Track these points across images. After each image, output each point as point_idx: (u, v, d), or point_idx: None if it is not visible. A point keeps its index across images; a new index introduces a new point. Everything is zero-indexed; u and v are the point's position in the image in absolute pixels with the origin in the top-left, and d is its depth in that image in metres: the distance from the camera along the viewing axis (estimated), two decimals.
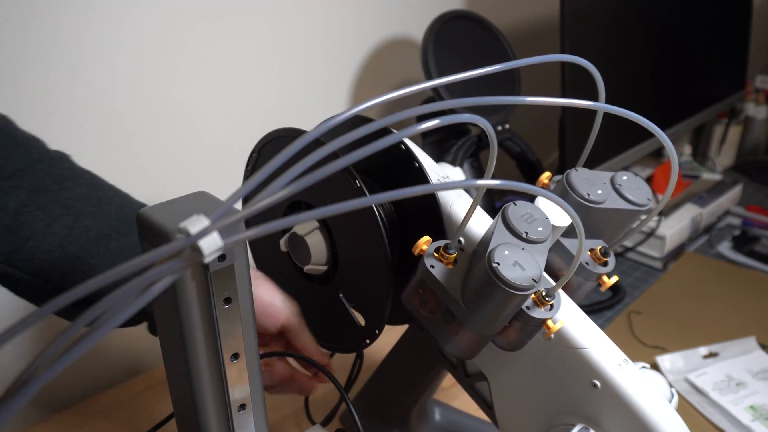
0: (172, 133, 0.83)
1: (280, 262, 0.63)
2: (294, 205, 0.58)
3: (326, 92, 1.00)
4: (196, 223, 0.30)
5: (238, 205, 0.58)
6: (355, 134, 0.31)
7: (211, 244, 0.30)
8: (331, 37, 0.97)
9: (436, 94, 0.95)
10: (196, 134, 0.86)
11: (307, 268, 0.57)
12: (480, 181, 0.33)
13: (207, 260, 0.30)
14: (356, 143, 0.31)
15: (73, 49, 0.71)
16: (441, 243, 0.47)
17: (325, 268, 0.57)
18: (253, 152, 0.61)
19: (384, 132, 0.55)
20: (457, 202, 0.53)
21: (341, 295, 0.58)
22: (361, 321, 0.58)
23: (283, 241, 0.58)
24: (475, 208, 0.44)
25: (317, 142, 0.50)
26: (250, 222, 0.62)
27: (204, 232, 0.29)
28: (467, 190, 0.57)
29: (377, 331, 0.57)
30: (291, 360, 0.64)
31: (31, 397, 0.27)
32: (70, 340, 0.28)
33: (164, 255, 0.29)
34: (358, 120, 0.58)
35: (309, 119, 0.98)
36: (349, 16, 0.98)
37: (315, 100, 0.98)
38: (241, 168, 0.64)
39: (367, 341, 0.58)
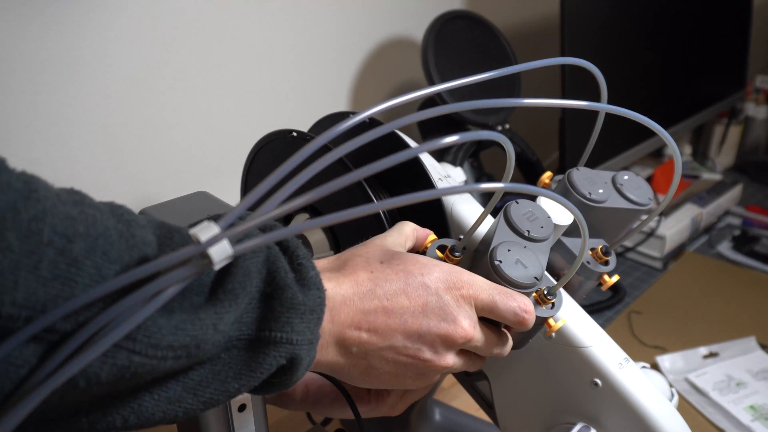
0: (172, 132, 0.83)
1: None
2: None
3: (326, 92, 1.00)
4: (206, 231, 0.30)
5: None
6: (363, 139, 0.31)
7: (221, 252, 0.29)
8: (330, 37, 0.97)
9: (436, 95, 0.95)
10: (196, 134, 0.86)
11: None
12: (485, 185, 0.34)
13: (217, 267, 0.30)
14: (363, 146, 0.31)
15: (73, 48, 0.71)
16: (444, 242, 0.47)
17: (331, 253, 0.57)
18: (250, 154, 0.61)
19: (390, 135, 0.55)
20: (459, 202, 0.53)
21: None
22: None
23: None
24: (486, 216, 0.44)
25: (324, 147, 0.50)
26: None
27: (214, 240, 0.29)
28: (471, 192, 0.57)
29: None
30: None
31: (41, 399, 0.27)
32: (79, 345, 0.28)
33: (173, 262, 0.29)
34: (362, 122, 0.58)
35: (309, 120, 0.98)
36: (348, 16, 0.98)
37: (315, 100, 0.98)
38: (241, 167, 0.64)
39: None
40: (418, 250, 0.47)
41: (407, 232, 0.46)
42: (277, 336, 0.34)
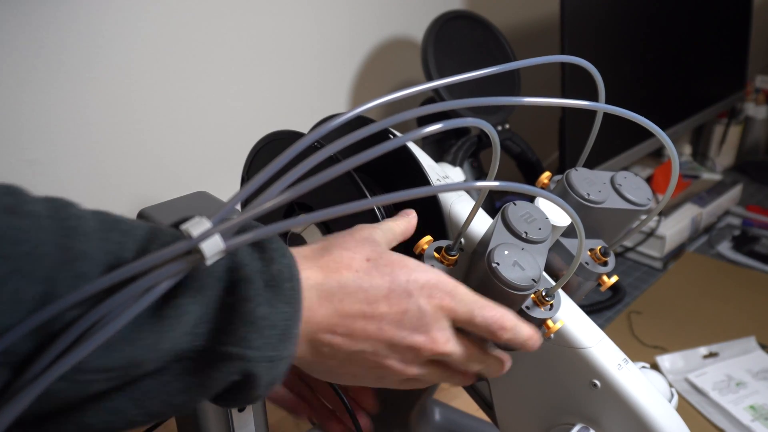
0: (172, 132, 0.83)
1: None
2: (293, 206, 0.58)
3: (326, 92, 1.00)
4: (197, 226, 0.30)
5: (237, 207, 0.58)
6: (355, 136, 0.31)
7: (212, 247, 0.29)
8: (331, 37, 0.97)
9: (436, 95, 0.95)
10: (196, 134, 0.86)
11: None
12: (479, 183, 0.34)
13: (209, 262, 0.30)
14: (357, 144, 0.31)
15: (73, 48, 0.71)
16: (441, 243, 0.47)
17: None
18: (249, 155, 0.61)
19: (384, 133, 0.55)
20: (457, 202, 0.53)
21: None
22: None
23: None
24: (476, 212, 0.44)
25: (317, 144, 0.50)
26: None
27: (206, 235, 0.29)
28: (468, 191, 0.57)
29: None
30: None
31: (34, 396, 0.27)
32: (72, 341, 0.28)
33: (165, 258, 0.29)
34: (359, 121, 0.58)
35: (309, 119, 0.98)
36: (349, 15, 0.98)
37: (315, 100, 0.98)
38: (241, 167, 0.64)
39: None
40: (415, 251, 0.47)
41: (396, 231, 0.45)
42: (229, 351, 0.31)
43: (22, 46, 0.68)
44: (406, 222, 0.46)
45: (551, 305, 0.44)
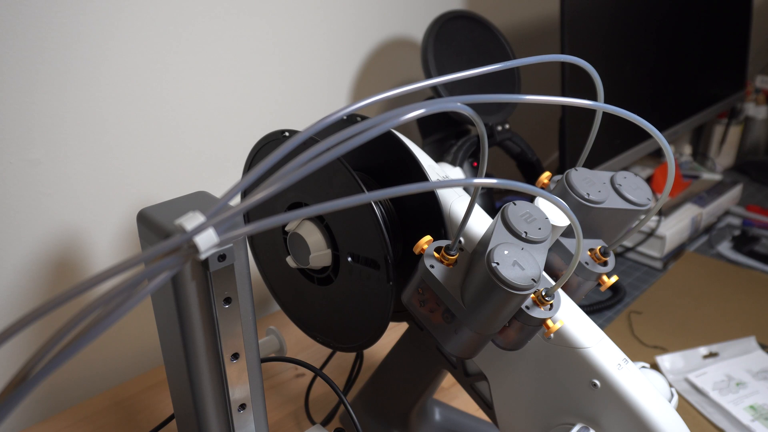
0: (173, 132, 0.83)
1: (290, 278, 0.63)
2: (294, 206, 0.59)
3: (326, 92, 1.00)
4: (191, 220, 0.30)
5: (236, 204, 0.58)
6: (350, 131, 0.31)
7: (207, 240, 0.30)
8: (331, 37, 0.97)
9: (435, 94, 0.95)
10: (196, 134, 0.86)
11: (311, 256, 0.56)
12: (478, 180, 0.33)
13: (203, 256, 0.30)
14: (345, 136, 0.31)
15: (73, 49, 0.72)
16: (441, 243, 0.47)
17: (328, 250, 0.56)
18: (250, 155, 0.61)
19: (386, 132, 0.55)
20: (456, 202, 0.53)
21: (349, 259, 0.56)
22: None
23: (289, 259, 0.58)
24: (472, 208, 0.44)
25: (312, 141, 0.50)
26: (249, 222, 0.62)
27: (200, 228, 0.29)
28: (467, 190, 0.57)
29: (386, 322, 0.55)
30: None
31: (29, 393, 0.27)
32: (68, 337, 0.28)
33: (162, 251, 0.29)
34: (357, 120, 0.58)
35: (309, 119, 0.98)
36: (349, 16, 0.98)
37: (315, 101, 0.98)
38: (241, 167, 0.64)
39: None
40: (415, 251, 0.47)
41: None
42: None
43: (23, 46, 0.68)
44: None
45: (551, 305, 0.45)
